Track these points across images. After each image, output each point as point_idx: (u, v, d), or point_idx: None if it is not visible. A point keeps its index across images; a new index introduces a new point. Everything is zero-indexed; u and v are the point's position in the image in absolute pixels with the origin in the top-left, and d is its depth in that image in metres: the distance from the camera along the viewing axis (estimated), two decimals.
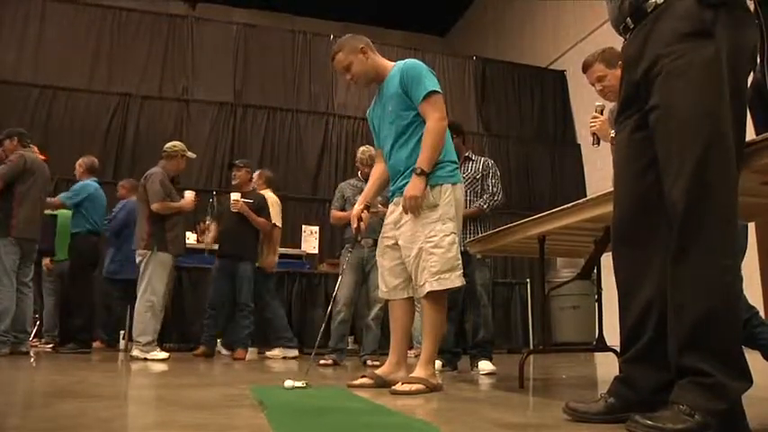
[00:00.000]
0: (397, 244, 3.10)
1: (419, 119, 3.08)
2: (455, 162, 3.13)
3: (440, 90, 3.07)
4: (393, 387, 2.86)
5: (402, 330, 3.19)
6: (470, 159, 4.73)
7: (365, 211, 3.13)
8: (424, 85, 3.03)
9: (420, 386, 2.82)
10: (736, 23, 1.78)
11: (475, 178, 4.64)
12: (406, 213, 3.01)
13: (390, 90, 3.13)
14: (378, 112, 3.25)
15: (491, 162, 4.77)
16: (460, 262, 3.01)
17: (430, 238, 2.93)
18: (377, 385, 3.02)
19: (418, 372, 2.92)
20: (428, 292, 2.93)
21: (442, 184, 3.00)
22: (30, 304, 5.55)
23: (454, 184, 3.05)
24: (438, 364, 4.39)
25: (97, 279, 6.55)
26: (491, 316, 4.63)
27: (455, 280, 2.96)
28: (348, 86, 9.53)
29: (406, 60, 3.20)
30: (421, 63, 3.17)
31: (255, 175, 6.57)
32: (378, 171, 3.32)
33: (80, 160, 6.54)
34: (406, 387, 2.81)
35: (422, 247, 2.94)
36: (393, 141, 3.11)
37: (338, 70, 3.29)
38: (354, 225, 3.23)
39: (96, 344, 6.56)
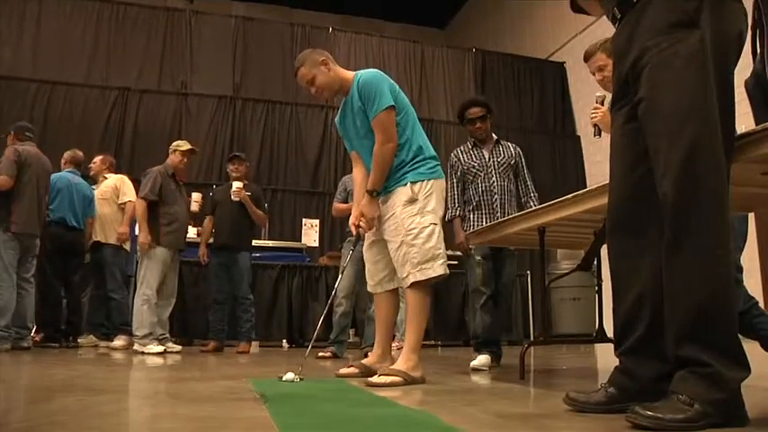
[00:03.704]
0: (381, 239, 3.21)
1: None
2: (435, 158, 3.22)
3: (391, 104, 3.09)
4: (369, 378, 2.89)
5: (388, 322, 3.33)
6: (501, 144, 4.43)
7: (362, 218, 3.16)
8: (374, 105, 3.09)
9: (396, 378, 2.83)
10: (720, 12, 1.78)
11: (509, 164, 4.34)
12: (365, 230, 3.18)
13: (355, 106, 3.19)
14: (348, 125, 3.31)
15: (519, 149, 4.49)
16: (442, 251, 3.08)
17: (410, 230, 3.02)
18: (362, 375, 3.10)
19: (399, 363, 2.95)
20: (412, 283, 2.99)
21: (423, 180, 3.11)
22: (31, 300, 5.53)
23: (435, 179, 3.15)
24: (486, 359, 4.03)
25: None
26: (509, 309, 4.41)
27: (437, 269, 3.03)
28: None
29: (362, 74, 3.22)
30: (374, 76, 3.19)
31: (98, 159, 6.65)
32: (360, 176, 3.37)
33: (65, 153, 6.52)
34: (383, 379, 2.83)
35: (403, 240, 3.02)
36: (370, 153, 3.17)
37: (303, 85, 3.32)
38: (354, 232, 3.29)
39: (89, 339, 6.46)
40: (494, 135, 4.42)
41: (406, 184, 3.09)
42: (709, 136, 1.71)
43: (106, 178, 6.58)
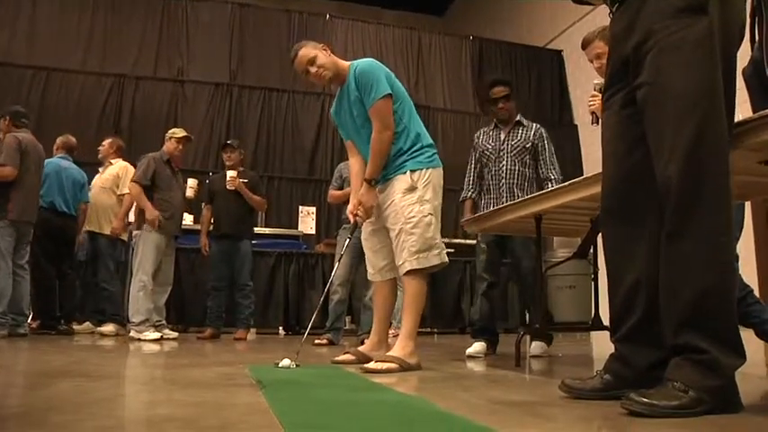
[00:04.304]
0: (381, 228, 3.22)
1: None
2: (432, 146, 3.24)
3: (388, 92, 3.10)
4: (365, 365, 2.91)
5: (386, 310, 3.35)
6: (522, 125, 4.27)
7: (360, 207, 3.16)
8: (371, 94, 3.10)
9: (392, 365, 2.85)
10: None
11: (524, 147, 4.18)
12: (363, 219, 3.19)
13: (351, 96, 3.20)
14: (344, 115, 3.32)
15: (544, 131, 4.30)
16: (439, 241, 3.10)
17: (409, 219, 3.04)
18: (358, 361, 3.12)
19: (396, 350, 2.96)
20: (410, 271, 3.01)
21: (421, 169, 3.12)
22: (26, 287, 5.50)
23: (433, 168, 3.17)
24: (481, 346, 4.01)
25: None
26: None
27: (433, 258, 3.05)
28: None
29: (359, 63, 3.22)
30: (371, 65, 3.19)
31: (107, 143, 6.53)
32: (357, 165, 3.37)
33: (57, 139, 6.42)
34: (379, 365, 2.85)
35: (402, 227, 3.04)
36: (367, 142, 3.17)
37: (302, 67, 3.28)
38: (352, 221, 3.29)
39: (86, 326, 6.34)
40: (519, 116, 4.29)
41: (405, 173, 3.11)
42: (716, 122, 1.71)
43: (111, 164, 6.49)
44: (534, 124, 4.33)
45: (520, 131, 4.26)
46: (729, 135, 1.75)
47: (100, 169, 6.57)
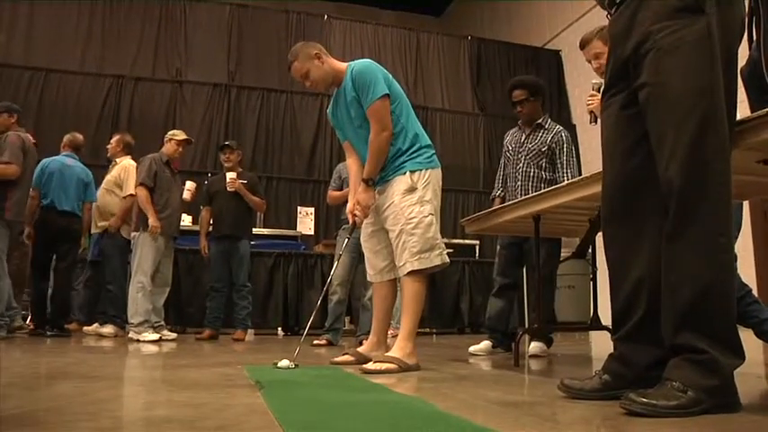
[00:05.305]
0: (381, 229, 3.22)
1: None
2: (430, 146, 3.24)
3: (386, 92, 3.09)
4: (364, 366, 2.91)
5: (385, 311, 3.34)
6: (543, 128, 4.24)
7: (358, 206, 3.16)
8: (369, 95, 3.09)
9: (391, 365, 2.85)
10: None
11: (541, 151, 4.14)
12: (361, 218, 3.19)
13: (348, 96, 3.19)
14: (341, 115, 3.32)
15: (565, 135, 4.23)
16: (440, 242, 3.10)
17: (410, 219, 3.03)
18: (357, 362, 3.12)
19: (394, 350, 2.97)
20: (409, 272, 3.01)
21: (420, 170, 3.12)
22: (8, 282, 5.46)
23: (432, 168, 3.17)
24: (485, 345, 4.14)
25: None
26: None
27: (434, 259, 3.05)
28: None
29: (356, 64, 3.22)
30: (368, 65, 3.19)
31: (114, 140, 6.39)
32: (355, 166, 3.38)
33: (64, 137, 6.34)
34: (377, 366, 2.85)
35: (402, 228, 3.03)
36: (365, 142, 3.17)
37: (297, 78, 3.35)
38: (351, 221, 3.29)
39: (73, 326, 6.35)
40: (542, 118, 4.27)
41: (405, 173, 3.10)
42: (716, 122, 1.71)
43: (116, 163, 6.34)
44: (556, 127, 4.29)
45: (539, 135, 4.22)
46: (731, 132, 1.75)
47: (110, 168, 6.44)
